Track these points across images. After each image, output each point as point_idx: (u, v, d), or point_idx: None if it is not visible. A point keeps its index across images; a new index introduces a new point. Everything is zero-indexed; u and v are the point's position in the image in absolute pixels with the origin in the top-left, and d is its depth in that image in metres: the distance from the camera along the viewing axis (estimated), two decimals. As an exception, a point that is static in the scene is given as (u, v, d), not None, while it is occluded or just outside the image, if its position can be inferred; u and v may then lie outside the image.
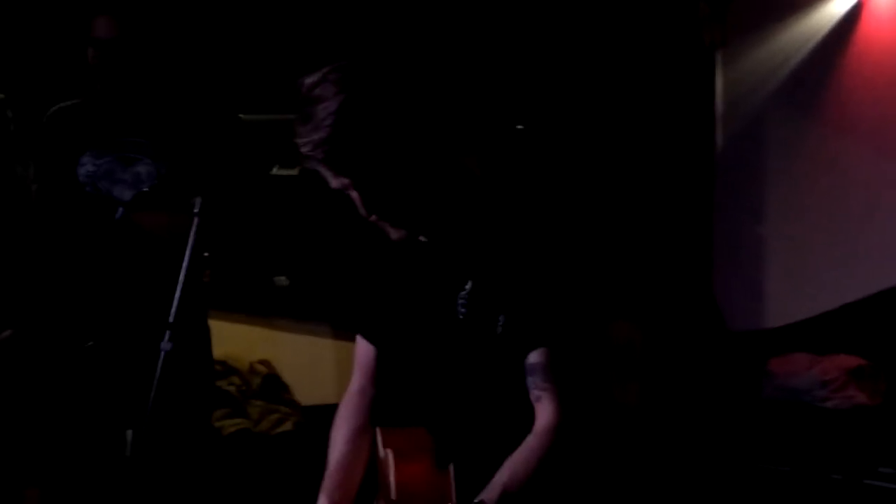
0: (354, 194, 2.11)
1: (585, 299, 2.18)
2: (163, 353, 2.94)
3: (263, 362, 5.66)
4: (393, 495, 2.12)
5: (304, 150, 2.07)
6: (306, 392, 5.64)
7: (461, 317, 2.16)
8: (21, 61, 5.61)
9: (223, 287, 3.80)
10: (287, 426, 5.31)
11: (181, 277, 2.95)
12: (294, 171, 5.58)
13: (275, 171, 5.56)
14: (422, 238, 2.23)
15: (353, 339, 5.15)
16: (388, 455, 2.18)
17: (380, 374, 2.43)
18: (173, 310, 2.95)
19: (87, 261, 3.52)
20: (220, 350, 3.80)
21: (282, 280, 5.67)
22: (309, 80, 2.08)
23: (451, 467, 1.95)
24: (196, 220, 2.96)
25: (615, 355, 4.58)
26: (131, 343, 3.37)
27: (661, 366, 4.69)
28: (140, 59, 3.46)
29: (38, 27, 5.67)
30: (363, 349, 2.44)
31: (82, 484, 3.52)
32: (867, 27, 4.87)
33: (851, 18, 4.90)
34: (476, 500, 1.97)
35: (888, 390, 4.73)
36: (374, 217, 2.13)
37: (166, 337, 2.94)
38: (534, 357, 2.13)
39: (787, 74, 5.11)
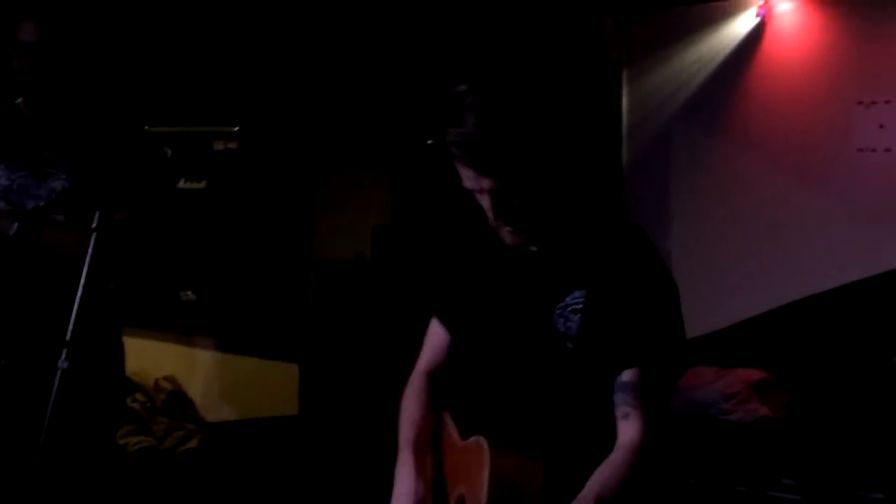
0: (486, 199, 2.18)
1: (673, 325, 2.23)
2: (59, 371, 2.89)
3: (168, 378, 5.62)
4: (485, 486, 2.15)
5: (454, 150, 2.15)
6: (212, 409, 5.61)
7: (561, 330, 2.22)
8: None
9: (129, 302, 3.74)
10: (192, 443, 5.28)
11: (78, 294, 2.91)
12: (201, 185, 5.53)
13: (182, 184, 5.52)
14: (532, 248, 2.29)
15: (262, 357, 5.10)
16: (481, 442, 2.23)
17: (452, 361, 2.49)
18: (70, 327, 2.91)
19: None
20: (126, 367, 3.75)
21: (188, 295, 5.60)
22: (462, 88, 2.14)
23: (540, 457, 1.98)
24: (94, 235, 2.93)
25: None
26: (34, 361, 3.29)
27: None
28: (62, 64, 3.40)
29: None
30: (437, 331, 2.50)
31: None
32: (769, 46, 4.95)
33: (753, 38, 4.97)
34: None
35: (790, 403, 4.79)
36: (499, 222, 2.20)
37: (63, 355, 2.90)
38: (626, 375, 2.16)
39: (692, 91, 5.17)
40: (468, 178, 2.17)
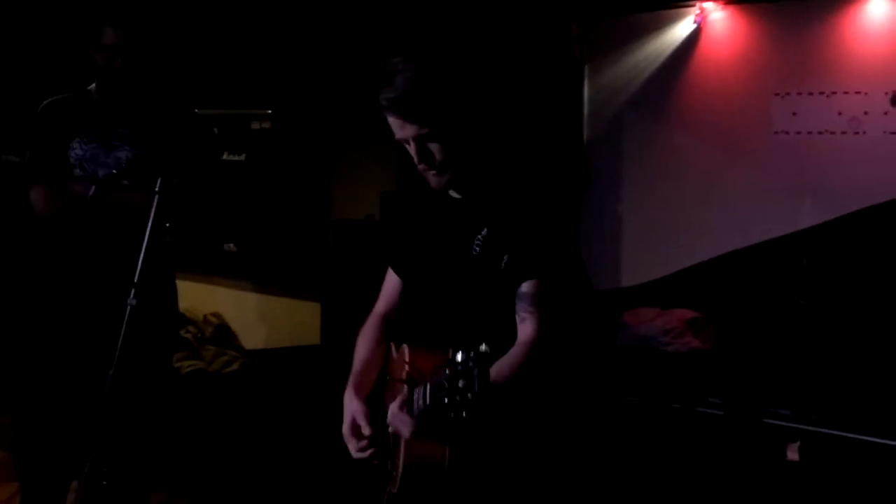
0: (412, 147, 2.21)
1: (563, 249, 2.26)
2: (129, 308, 2.91)
3: (215, 314, 5.62)
4: (404, 376, 2.19)
5: (383, 104, 2.19)
6: (251, 339, 5.62)
7: (475, 254, 2.25)
8: (20, 62, 5.51)
9: (182, 252, 3.76)
10: (235, 367, 5.30)
11: (143, 245, 2.93)
12: (241, 157, 5.53)
13: (225, 156, 5.52)
14: (452, 193, 2.32)
15: (291, 297, 5.09)
16: (403, 349, 2.28)
17: (404, 301, 2.50)
18: (137, 271, 2.92)
19: (67, 230, 3.47)
20: (179, 304, 3.76)
21: (230, 247, 5.62)
22: (395, 59, 2.20)
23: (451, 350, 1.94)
24: (156, 196, 2.94)
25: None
26: (107, 299, 3.33)
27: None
28: (136, 62, 3.42)
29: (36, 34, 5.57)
30: (391, 280, 2.54)
31: (61, 414, 3.48)
32: (703, 47, 4.93)
33: (692, 40, 4.95)
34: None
35: (717, 337, 4.80)
36: (423, 166, 2.23)
37: (132, 294, 2.92)
38: (525, 287, 2.19)
39: (642, 83, 5.14)
40: (396, 128, 2.21)
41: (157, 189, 2.96)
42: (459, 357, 1.84)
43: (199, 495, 4.33)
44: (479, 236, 2.26)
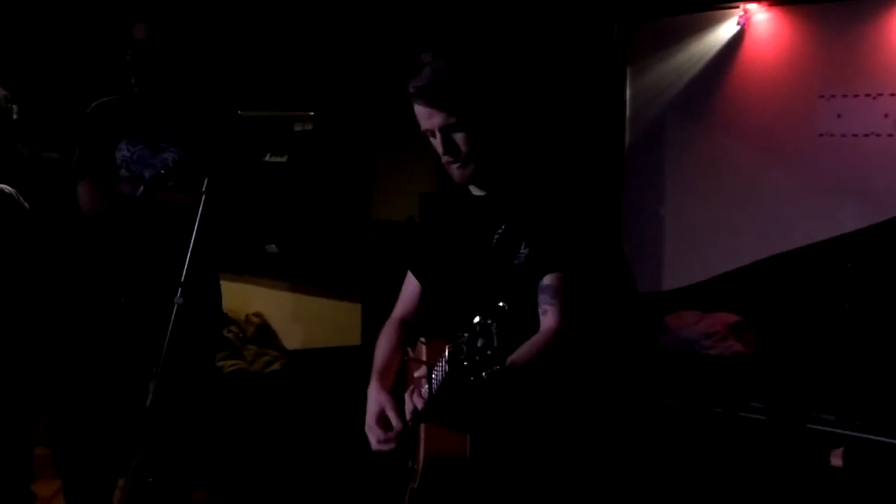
0: (438, 139, 2.20)
1: (587, 241, 2.24)
2: (175, 307, 2.93)
3: (256, 314, 5.65)
4: (422, 368, 2.17)
5: (411, 92, 2.20)
6: (292, 339, 5.64)
7: (493, 247, 2.22)
8: (37, 67, 5.58)
9: (225, 252, 3.78)
10: (276, 367, 5.32)
11: (190, 245, 2.94)
12: (283, 159, 5.57)
13: (267, 158, 5.56)
14: (474, 191, 2.31)
15: (332, 297, 5.07)
16: (419, 347, 2.26)
17: (423, 307, 2.50)
18: (184, 270, 2.94)
19: (114, 231, 3.50)
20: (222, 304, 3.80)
21: (272, 247, 5.65)
22: (424, 55, 2.22)
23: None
24: (203, 196, 2.96)
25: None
26: (153, 299, 3.35)
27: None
28: (168, 57, 3.43)
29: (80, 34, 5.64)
30: (410, 284, 2.52)
31: (104, 413, 3.51)
32: (747, 49, 4.90)
33: (735, 42, 4.92)
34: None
35: (760, 341, 4.77)
36: (447, 158, 2.22)
37: (178, 293, 2.94)
38: (547, 280, 2.17)
39: (684, 85, 5.12)
40: (423, 117, 2.21)
41: (203, 189, 2.97)
42: (477, 319, 1.81)
43: (238, 494, 4.36)
44: (499, 231, 2.25)
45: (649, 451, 4.33)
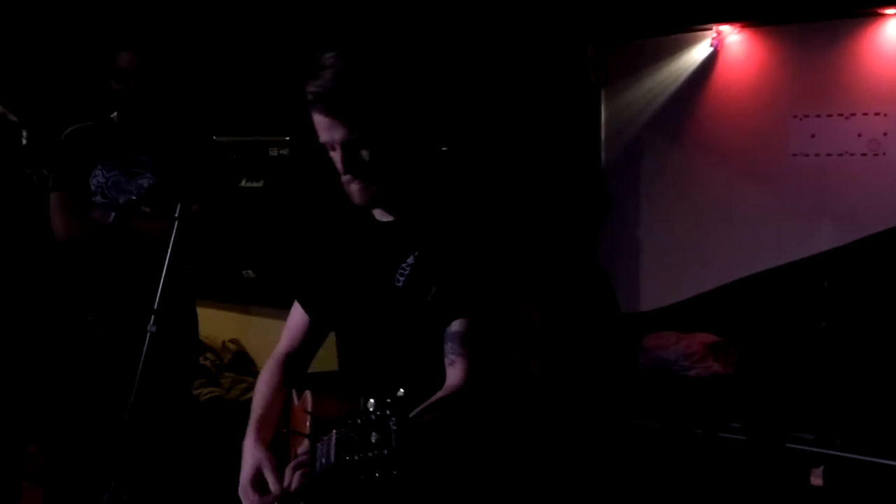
0: (338, 153, 1.99)
1: (502, 283, 2.02)
2: (148, 334, 2.89)
3: (233, 341, 5.62)
4: (307, 430, 1.96)
5: (308, 98, 1.99)
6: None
7: (398, 285, 2.00)
8: (43, 89, 5.56)
9: (200, 278, 3.75)
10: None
11: (163, 271, 2.91)
12: (259, 184, 5.55)
13: (243, 183, 5.54)
14: (378, 216, 2.09)
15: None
16: (305, 396, 2.04)
17: (311, 341, 2.28)
18: (157, 298, 2.91)
19: (88, 257, 3.47)
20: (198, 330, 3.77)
21: (249, 273, 5.62)
22: (325, 55, 2.00)
23: (361, 399, 1.68)
24: (176, 223, 2.93)
25: (520, 333, 4.57)
26: (127, 326, 3.32)
27: (559, 342, 4.70)
28: (154, 86, 3.42)
29: (57, 61, 5.61)
30: (297, 316, 2.30)
31: (82, 442, 3.47)
32: (720, 70, 4.92)
33: (709, 63, 4.94)
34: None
35: (739, 362, 4.77)
36: (348, 176, 2.00)
37: (151, 321, 2.90)
38: (455, 326, 1.94)
39: (658, 107, 5.13)
40: (322, 128, 1.99)
41: (176, 215, 2.95)
42: (372, 405, 1.57)
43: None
44: (405, 265, 2.00)
45: (628, 473, 4.31)
